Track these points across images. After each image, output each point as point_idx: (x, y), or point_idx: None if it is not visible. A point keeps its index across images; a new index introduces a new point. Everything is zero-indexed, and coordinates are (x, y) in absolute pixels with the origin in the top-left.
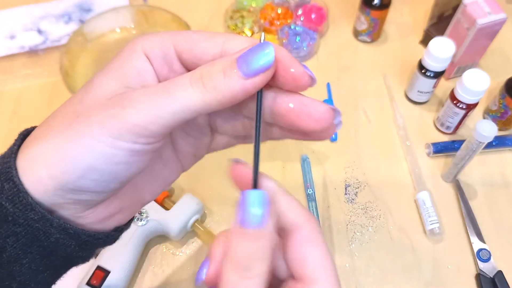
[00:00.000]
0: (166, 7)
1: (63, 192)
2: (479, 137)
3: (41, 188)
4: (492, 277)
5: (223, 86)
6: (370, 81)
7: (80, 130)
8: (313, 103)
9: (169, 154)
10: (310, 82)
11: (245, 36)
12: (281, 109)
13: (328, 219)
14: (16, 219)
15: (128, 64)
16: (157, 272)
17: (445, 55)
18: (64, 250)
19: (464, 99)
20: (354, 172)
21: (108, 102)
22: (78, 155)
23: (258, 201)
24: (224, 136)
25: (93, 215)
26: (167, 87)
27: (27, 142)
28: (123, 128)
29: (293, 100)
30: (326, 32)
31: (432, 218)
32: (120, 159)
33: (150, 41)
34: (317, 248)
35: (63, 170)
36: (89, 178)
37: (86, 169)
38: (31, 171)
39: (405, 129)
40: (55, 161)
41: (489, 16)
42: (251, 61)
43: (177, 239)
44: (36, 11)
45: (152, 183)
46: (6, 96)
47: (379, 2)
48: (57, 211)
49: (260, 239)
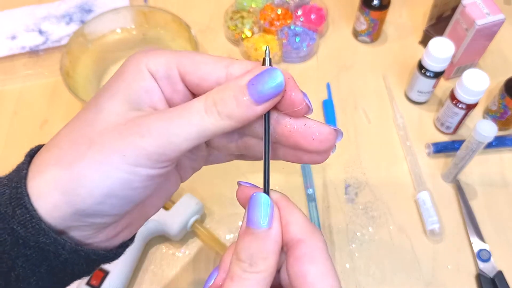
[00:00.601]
0: (166, 8)
1: (79, 217)
2: (479, 137)
3: (57, 213)
4: (492, 277)
5: (236, 113)
6: (370, 81)
7: (97, 159)
8: (317, 124)
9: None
10: (306, 110)
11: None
12: (285, 131)
13: (328, 219)
14: (27, 242)
15: (135, 85)
16: (157, 272)
17: (444, 55)
18: (72, 268)
19: (464, 99)
20: (354, 172)
21: (123, 128)
22: (97, 182)
23: (265, 204)
24: (220, 151)
25: (103, 235)
26: (181, 114)
27: (37, 165)
28: (141, 155)
29: (297, 122)
30: (326, 33)
31: (432, 218)
32: (138, 184)
33: (155, 61)
34: (317, 264)
35: (82, 197)
36: (107, 204)
37: (104, 195)
38: (46, 197)
39: (405, 129)
40: (73, 188)
41: (487, 17)
42: (262, 88)
43: (177, 239)
44: (38, 11)
45: (156, 198)
46: (6, 96)
47: (379, 2)
48: (68, 232)
49: (265, 239)
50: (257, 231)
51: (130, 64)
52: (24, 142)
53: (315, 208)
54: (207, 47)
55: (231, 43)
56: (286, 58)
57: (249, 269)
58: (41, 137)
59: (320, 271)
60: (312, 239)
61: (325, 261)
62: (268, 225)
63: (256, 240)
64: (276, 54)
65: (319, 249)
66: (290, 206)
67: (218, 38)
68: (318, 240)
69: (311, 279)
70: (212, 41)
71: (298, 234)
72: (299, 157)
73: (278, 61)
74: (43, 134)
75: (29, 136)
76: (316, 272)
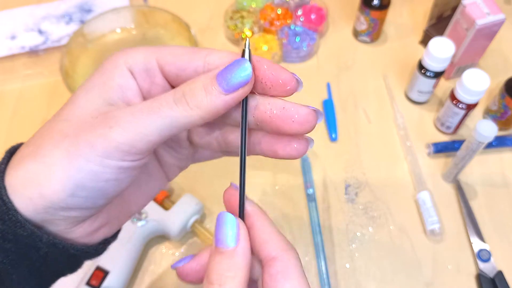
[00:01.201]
0: (166, 8)
1: (53, 210)
2: (479, 137)
3: (31, 206)
4: (492, 277)
5: (205, 103)
6: (370, 81)
7: (69, 151)
8: (295, 107)
9: (154, 167)
10: (297, 85)
11: (226, 51)
12: (265, 116)
13: (328, 219)
14: (5, 235)
15: (111, 81)
16: (156, 272)
17: (444, 55)
18: (53, 263)
19: (464, 99)
20: (354, 172)
21: (94, 121)
22: (68, 174)
23: (231, 223)
24: (204, 149)
25: (81, 229)
26: (151, 105)
27: (15, 161)
28: (111, 147)
29: (275, 106)
30: (326, 33)
31: (433, 218)
32: (108, 176)
33: (133, 56)
34: (291, 281)
35: (54, 189)
36: (78, 196)
37: (75, 187)
38: (21, 190)
39: (405, 129)
40: (46, 180)
41: (488, 17)
42: (230, 78)
43: (177, 239)
44: (38, 11)
45: (138, 195)
46: (6, 96)
47: (379, 2)
48: (46, 227)
49: (232, 257)
50: (224, 250)
51: (108, 62)
52: None
53: (315, 208)
54: (207, 47)
55: (231, 43)
56: (286, 58)
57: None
58: None
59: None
60: (285, 256)
61: (299, 277)
62: (234, 244)
63: (224, 259)
64: (276, 54)
65: (293, 266)
66: (265, 222)
67: (218, 37)
68: (292, 257)
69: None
70: (212, 40)
71: (273, 251)
72: (274, 150)
73: (278, 61)
74: None
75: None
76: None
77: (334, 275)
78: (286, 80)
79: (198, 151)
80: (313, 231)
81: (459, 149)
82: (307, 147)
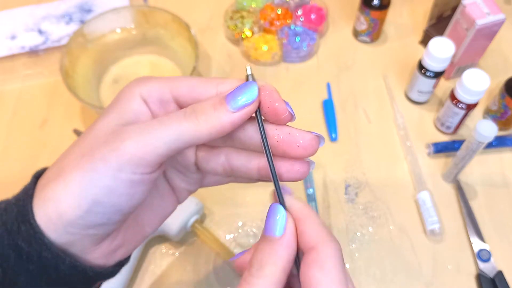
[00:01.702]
0: (166, 8)
1: (72, 229)
2: (479, 137)
3: (52, 226)
4: (492, 277)
5: (213, 118)
6: (370, 81)
7: (85, 168)
8: (300, 132)
9: (165, 189)
10: (290, 118)
11: (237, 79)
12: (273, 141)
13: (328, 219)
14: (30, 257)
15: (126, 106)
16: (156, 272)
17: (444, 55)
18: (69, 283)
19: (464, 99)
20: (354, 172)
21: (108, 137)
22: (82, 191)
23: (281, 214)
24: (211, 174)
25: (100, 250)
26: (162, 119)
27: (40, 185)
28: (123, 160)
29: (281, 132)
30: (326, 33)
31: (433, 218)
32: (121, 190)
33: (148, 87)
34: (325, 272)
35: (70, 206)
36: (94, 212)
37: (91, 203)
38: (42, 211)
39: (405, 129)
40: (63, 199)
41: (488, 17)
42: (238, 97)
43: (177, 239)
44: (38, 11)
45: (152, 216)
46: (6, 96)
47: (379, 2)
48: (67, 248)
49: (276, 245)
50: (270, 238)
51: (123, 91)
52: (24, 142)
53: (315, 208)
54: (207, 47)
55: (231, 43)
56: (286, 58)
57: (255, 273)
58: (41, 137)
59: (328, 278)
60: (324, 246)
61: (334, 269)
62: (281, 233)
63: (268, 247)
64: (276, 54)
65: (330, 257)
66: (309, 214)
67: (218, 37)
68: (331, 248)
69: (318, 286)
70: (212, 40)
71: (311, 241)
72: (279, 174)
73: (278, 61)
74: (43, 134)
75: (29, 136)
76: (324, 280)
77: None
78: (281, 109)
79: (206, 176)
80: None
81: (459, 149)
82: (308, 169)
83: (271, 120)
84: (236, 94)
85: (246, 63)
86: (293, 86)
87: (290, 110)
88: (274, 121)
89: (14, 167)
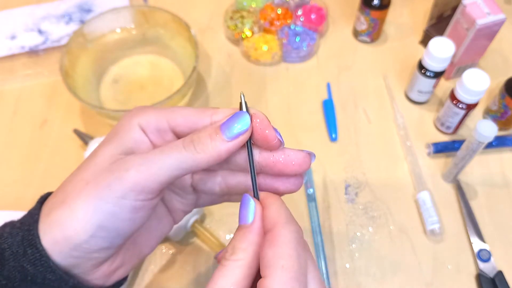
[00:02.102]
0: (166, 8)
1: (77, 253)
2: (479, 137)
3: (57, 249)
4: (492, 277)
5: (210, 148)
6: (370, 81)
7: (90, 195)
8: (294, 152)
9: (163, 211)
10: (279, 145)
11: (229, 108)
12: (269, 162)
13: (328, 219)
14: (35, 279)
15: (126, 135)
16: (156, 272)
17: (444, 55)
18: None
19: (464, 99)
20: (354, 172)
21: (111, 166)
22: (89, 215)
23: (249, 203)
24: (207, 195)
25: (101, 271)
26: (163, 149)
27: (46, 210)
28: (127, 188)
29: (277, 153)
30: (326, 32)
31: (433, 218)
32: (124, 216)
33: (146, 118)
34: (275, 249)
35: (76, 230)
36: (98, 236)
37: (96, 228)
38: (48, 235)
39: (405, 129)
40: (69, 223)
41: (488, 17)
42: (232, 127)
43: (177, 239)
44: (37, 11)
45: (149, 237)
46: (6, 96)
47: (379, 2)
48: (71, 270)
49: (247, 231)
50: (242, 226)
51: (123, 121)
52: (24, 142)
53: (315, 208)
54: (207, 47)
55: (231, 43)
56: (286, 58)
57: (229, 256)
58: (41, 137)
59: (278, 254)
60: (278, 227)
61: (284, 245)
62: (251, 221)
63: (241, 233)
64: (276, 54)
65: (282, 236)
66: (272, 202)
67: (218, 37)
68: (284, 229)
69: (266, 261)
70: (212, 40)
71: (269, 224)
72: (276, 188)
73: (279, 61)
74: (43, 134)
75: (29, 136)
76: (274, 256)
77: (334, 275)
78: (271, 136)
79: (201, 196)
80: (313, 231)
81: (459, 149)
82: (302, 181)
83: (262, 146)
84: (230, 124)
85: (246, 63)
86: (293, 86)
87: (279, 137)
88: (265, 147)
89: (14, 167)
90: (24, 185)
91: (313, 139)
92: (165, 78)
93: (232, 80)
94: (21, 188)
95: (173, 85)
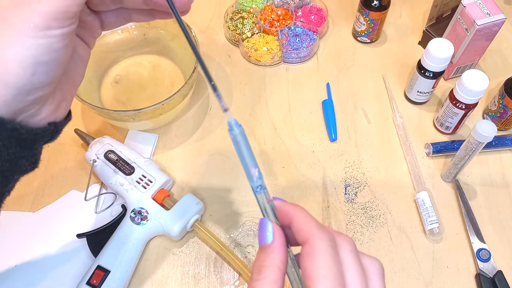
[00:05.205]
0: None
1: (21, 96)
2: (479, 137)
3: (1, 99)
4: (492, 277)
5: None
6: (370, 81)
7: (11, 34)
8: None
9: (77, 40)
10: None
11: None
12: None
13: (328, 219)
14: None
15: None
16: (157, 271)
17: (444, 55)
18: (6, 151)
19: (464, 99)
20: (354, 172)
21: (15, 1)
22: (22, 54)
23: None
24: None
25: (46, 109)
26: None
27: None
28: (50, 19)
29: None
30: (326, 33)
31: (432, 218)
32: (57, 45)
33: None
34: (314, 262)
35: (15, 73)
36: (39, 73)
37: (35, 64)
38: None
39: (404, 129)
40: (4, 69)
41: (488, 17)
42: None
43: (177, 239)
44: None
45: (78, 66)
46: None
47: (378, 3)
48: (15, 118)
49: (268, 251)
50: (263, 247)
51: None
52: None
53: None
54: (207, 48)
55: (231, 44)
56: (286, 59)
57: (256, 277)
58: None
59: (318, 266)
60: (312, 239)
61: (322, 256)
62: (270, 241)
63: (263, 254)
64: (276, 55)
65: (318, 247)
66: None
67: (218, 38)
68: (319, 239)
69: (309, 273)
70: (212, 41)
71: (303, 236)
72: None
73: (278, 62)
74: None
75: None
76: (315, 268)
77: None
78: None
79: (104, 22)
80: None
81: (458, 149)
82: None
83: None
84: None
85: (246, 64)
86: (293, 86)
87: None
88: None
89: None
90: (24, 185)
91: (313, 139)
92: (166, 79)
93: (232, 80)
94: (21, 188)
95: (174, 85)
